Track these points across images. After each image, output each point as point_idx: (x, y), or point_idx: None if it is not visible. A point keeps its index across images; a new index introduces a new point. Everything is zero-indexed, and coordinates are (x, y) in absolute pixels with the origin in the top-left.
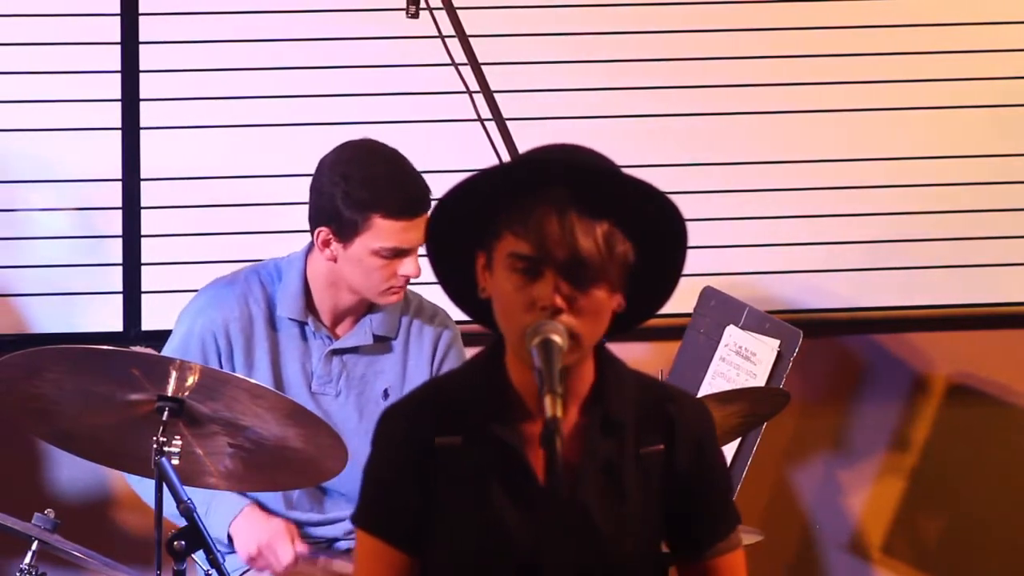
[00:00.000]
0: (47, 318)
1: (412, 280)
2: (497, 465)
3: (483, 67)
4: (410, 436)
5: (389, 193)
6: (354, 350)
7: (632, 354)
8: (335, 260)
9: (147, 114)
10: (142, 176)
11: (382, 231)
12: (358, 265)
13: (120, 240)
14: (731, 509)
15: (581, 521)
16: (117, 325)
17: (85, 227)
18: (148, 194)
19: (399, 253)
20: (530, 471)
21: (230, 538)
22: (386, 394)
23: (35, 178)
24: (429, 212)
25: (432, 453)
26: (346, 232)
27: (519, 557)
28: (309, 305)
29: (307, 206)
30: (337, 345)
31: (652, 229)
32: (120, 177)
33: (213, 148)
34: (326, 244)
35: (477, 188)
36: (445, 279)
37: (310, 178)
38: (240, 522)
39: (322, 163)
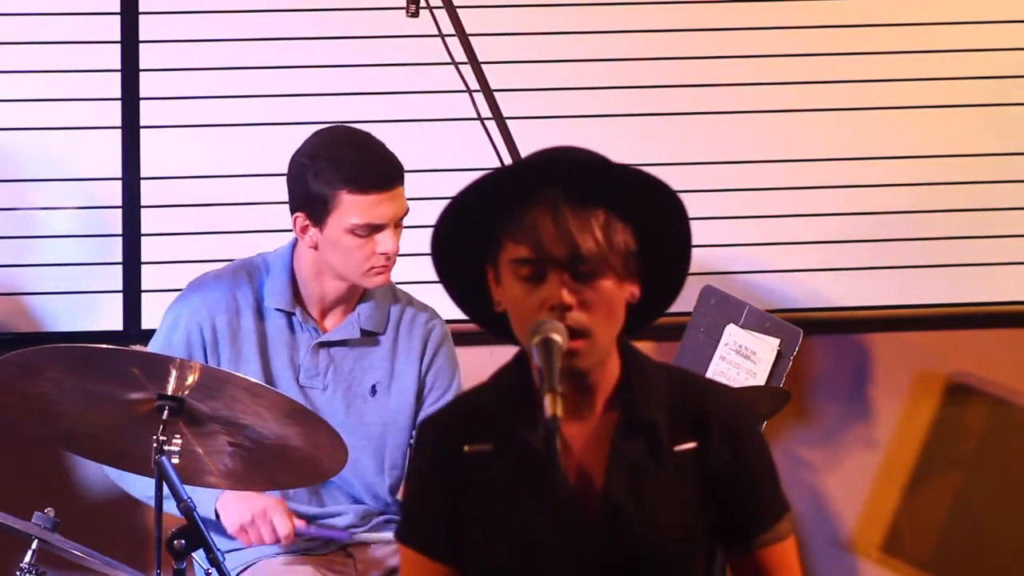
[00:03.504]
0: (47, 317)
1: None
2: (527, 470)
3: (483, 66)
4: (441, 446)
5: (355, 168)
6: (342, 343)
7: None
8: (316, 247)
9: (147, 113)
10: (142, 175)
11: (351, 207)
12: (336, 247)
13: (120, 239)
14: (775, 499)
15: (613, 521)
16: (117, 324)
17: (85, 226)
18: (148, 193)
19: (373, 229)
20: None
21: (217, 516)
22: (374, 390)
23: (35, 177)
24: (403, 187)
25: (463, 462)
26: (318, 214)
27: (551, 560)
28: (296, 297)
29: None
30: (324, 338)
31: (649, 211)
32: (120, 176)
33: (213, 147)
34: (304, 230)
35: (469, 204)
36: (462, 301)
37: None
38: (228, 496)
39: (295, 152)
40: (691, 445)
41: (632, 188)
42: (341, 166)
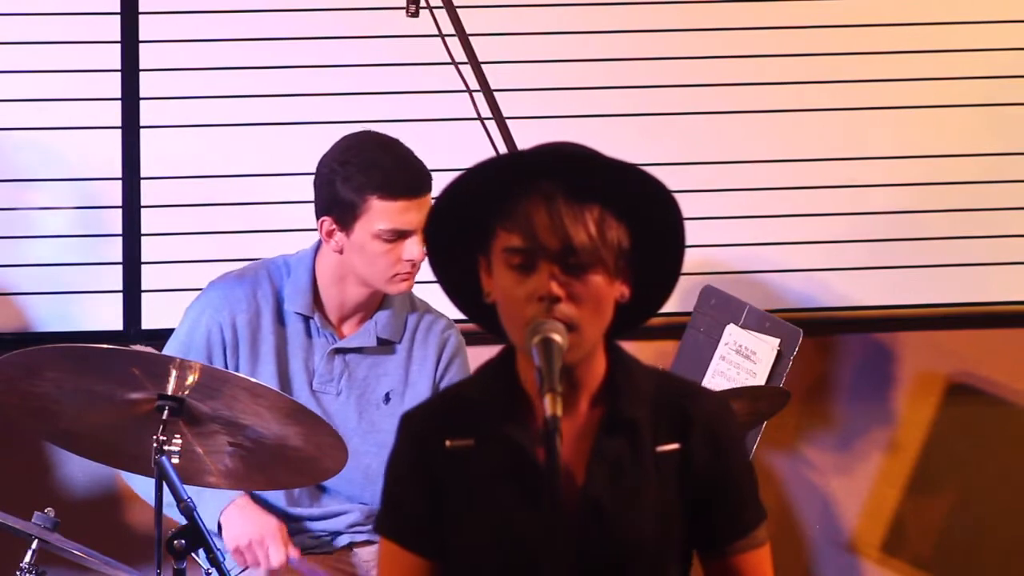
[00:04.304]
0: (47, 317)
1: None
2: (509, 466)
3: (483, 66)
4: (422, 441)
5: (385, 174)
6: (357, 350)
7: (632, 353)
8: (341, 251)
9: (147, 113)
10: (142, 175)
11: (380, 213)
12: (362, 252)
13: (120, 239)
14: (753, 506)
15: (591, 519)
16: (117, 324)
17: (85, 225)
18: (148, 193)
19: (400, 235)
20: (540, 470)
21: (219, 527)
22: (387, 397)
23: (35, 176)
24: (431, 196)
25: (443, 457)
26: (346, 218)
27: (532, 557)
28: (316, 301)
29: (307, 205)
30: (340, 344)
31: (645, 212)
32: (120, 176)
33: (213, 147)
34: (330, 234)
35: (465, 191)
36: (451, 290)
37: (310, 177)
38: (232, 511)
39: (323, 156)
40: (673, 446)
41: (629, 186)
42: (372, 171)
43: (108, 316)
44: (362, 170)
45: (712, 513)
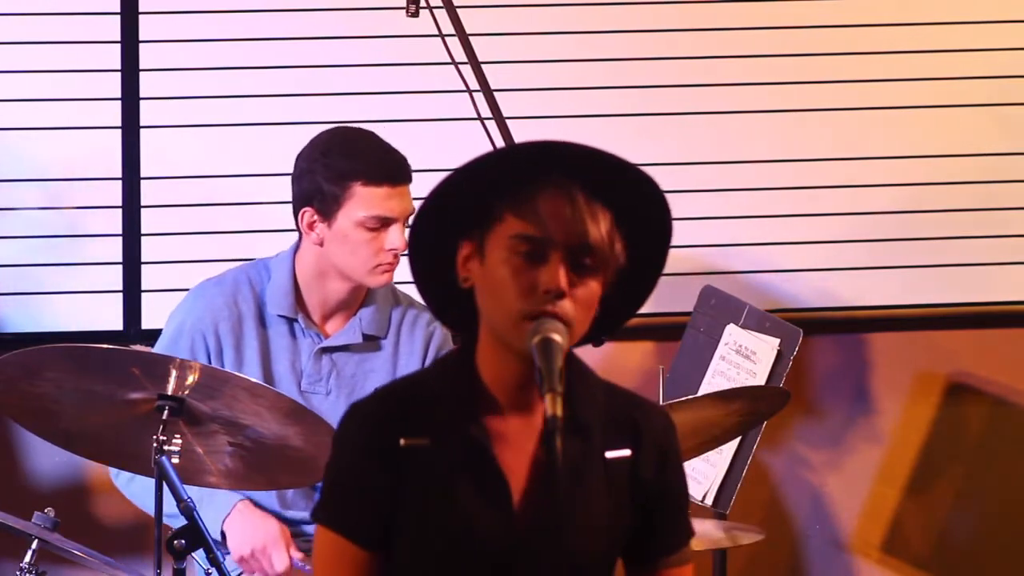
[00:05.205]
0: (47, 317)
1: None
2: (465, 464)
3: (483, 66)
4: (374, 436)
5: (368, 161)
6: (344, 348)
7: (632, 354)
8: (321, 243)
9: (147, 112)
10: (142, 175)
11: (364, 199)
12: (344, 242)
13: (120, 239)
14: (686, 524)
15: (545, 521)
16: (117, 324)
17: (85, 225)
18: (148, 192)
19: (384, 223)
20: (498, 469)
21: (223, 535)
22: None
23: (35, 176)
24: (410, 185)
25: (397, 454)
26: (329, 207)
27: (486, 556)
28: (299, 302)
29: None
30: (326, 343)
31: (642, 229)
32: (120, 176)
33: (213, 147)
34: (311, 227)
35: (475, 175)
36: (419, 270)
37: None
38: (235, 519)
39: (300, 152)
40: (624, 453)
41: (634, 199)
42: (356, 159)
43: (108, 316)
44: (346, 157)
45: (651, 526)
